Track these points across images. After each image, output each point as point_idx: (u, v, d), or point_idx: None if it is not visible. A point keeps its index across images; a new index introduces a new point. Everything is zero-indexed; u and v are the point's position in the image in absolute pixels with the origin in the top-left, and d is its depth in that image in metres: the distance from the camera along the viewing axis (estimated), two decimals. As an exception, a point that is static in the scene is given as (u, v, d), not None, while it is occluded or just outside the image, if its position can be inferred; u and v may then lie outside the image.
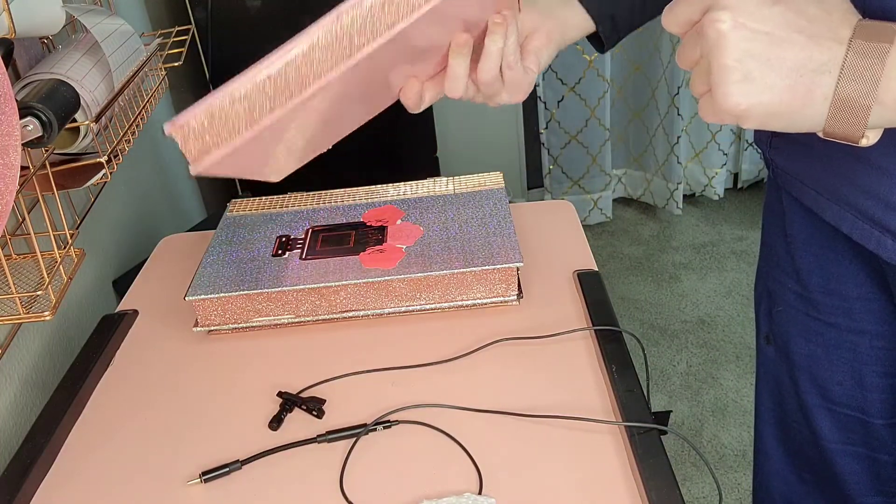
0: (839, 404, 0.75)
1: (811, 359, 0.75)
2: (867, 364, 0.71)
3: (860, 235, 0.61)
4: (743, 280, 2.09)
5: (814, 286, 0.72)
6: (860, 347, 0.71)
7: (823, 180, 0.63)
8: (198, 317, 0.78)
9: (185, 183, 1.51)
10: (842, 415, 0.75)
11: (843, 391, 0.74)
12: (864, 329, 0.70)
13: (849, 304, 0.70)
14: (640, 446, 0.60)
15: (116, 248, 1.10)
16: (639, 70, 2.27)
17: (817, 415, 0.76)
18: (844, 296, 0.70)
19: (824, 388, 0.75)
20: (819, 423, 0.77)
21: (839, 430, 0.76)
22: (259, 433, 0.66)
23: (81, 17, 0.75)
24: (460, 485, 0.59)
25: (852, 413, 0.74)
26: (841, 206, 0.62)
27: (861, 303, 0.69)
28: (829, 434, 0.76)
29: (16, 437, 0.77)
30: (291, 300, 0.78)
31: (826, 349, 0.73)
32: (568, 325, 0.75)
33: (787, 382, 0.79)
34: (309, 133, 0.61)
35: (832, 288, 0.71)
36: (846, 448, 0.76)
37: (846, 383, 0.73)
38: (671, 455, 0.58)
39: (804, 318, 0.74)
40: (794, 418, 0.80)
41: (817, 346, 0.74)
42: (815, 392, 0.76)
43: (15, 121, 0.55)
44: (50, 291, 0.66)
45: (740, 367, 1.80)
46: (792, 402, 0.79)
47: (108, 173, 0.75)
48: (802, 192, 0.66)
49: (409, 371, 0.71)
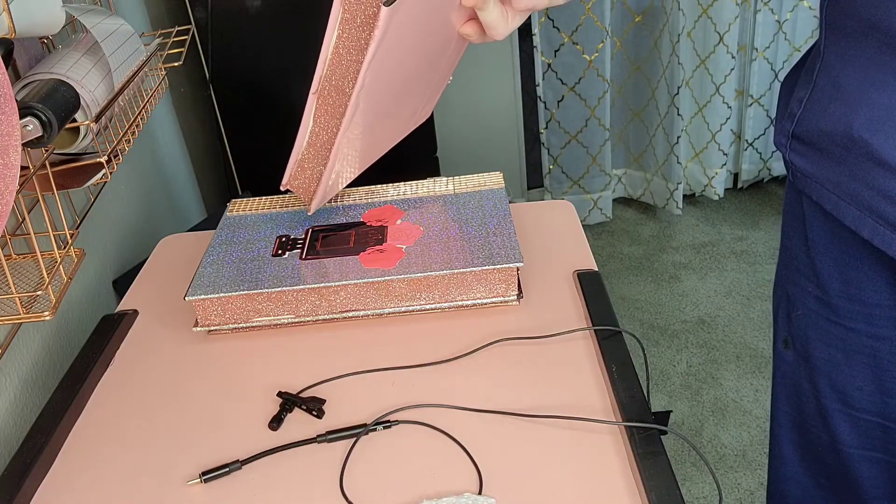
0: (859, 409, 0.74)
1: (831, 363, 0.74)
2: (888, 370, 0.71)
3: (881, 241, 0.60)
4: (743, 280, 2.09)
5: (833, 291, 0.72)
6: (880, 353, 0.70)
7: (843, 184, 0.63)
8: (198, 317, 0.78)
9: (185, 183, 1.51)
10: (862, 420, 0.74)
11: (862, 396, 0.73)
12: (884, 335, 0.70)
13: (868, 310, 0.70)
14: (640, 446, 0.60)
15: (116, 248, 1.10)
16: (639, 70, 2.27)
17: (837, 419, 0.76)
18: (864, 301, 0.69)
19: (844, 393, 0.74)
20: (838, 428, 0.76)
21: (859, 435, 0.75)
22: (259, 433, 0.66)
23: (81, 16, 0.75)
24: (460, 485, 0.59)
25: (872, 418, 0.73)
26: (861, 211, 0.61)
27: (881, 309, 0.69)
28: (849, 439, 0.76)
29: (16, 437, 0.77)
30: (291, 300, 0.78)
31: (846, 354, 0.73)
32: (568, 325, 0.75)
33: (806, 387, 0.78)
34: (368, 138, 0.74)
35: (852, 293, 0.70)
36: (865, 454, 0.76)
37: (866, 388, 0.73)
38: (671, 455, 0.58)
39: (824, 323, 0.74)
40: (813, 423, 0.79)
41: (837, 351, 0.73)
42: (835, 397, 0.75)
43: (15, 121, 0.55)
44: (50, 291, 0.66)
45: (740, 368, 1.80)
46: (811, 407, 0.79)
47: (108, 173, 0.75)
48: (822, 196, 0.66)
49: (409, 371, 0.71)
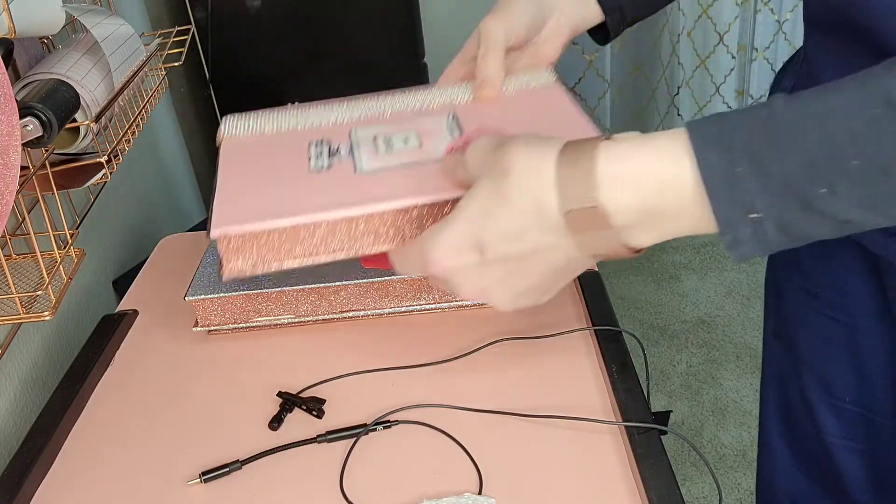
0: (842, 400, 0.75)
1: (815, 353, 0.75)
2: (867, 360, 0.72)
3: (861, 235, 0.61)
4: (743, 280, 2.09)
5: (817, 281, 0.72)
6: (860, 343, 0.71)
7: None
8: (198, 317, 0.78)
9: (185, 183, 1.51)
10: (845, 410, 0.75)
11: (845, 386, 0.74)
12: (863, 326, 0.70)
13: (847, 301, 0.70)
14: (640, 446, 0.60)
15: (116, 248, 1.10)
16: (639, 70, 2.27)
17: (821, 410, 0.77)
18: (844, 291, 0.70)
19: (828, 384, 0.75)
20: (823, 419, 0.77)
21: (842, 425, 0.76)
22: (259, 433, 0.66)
23: (81, 16, 0.75)
24: (460, 485, 0.59)
25: (854, 408, 0.74)
26: None
27: (859, 300, 0.70)
28: (833, 429, 0.77)
29: (16, 437, 0.77)
30: (291, 300, 0.78)
31: (829, 344, 0.74)
32: (568, 325, 0.75)
33: (793, 377, 0.79)
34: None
35: (834, 283, 0.71)
36: (848, 444, 0.76)
37: (849, 379, 0.73)
38: (671, 455, 0.58)
39: (810, 313, 0.74)
40: (799, 413, 0.80)
41: (820, 341, 0.74)
42: (820, 387, 0.76)
43: (15, 121, 0.55)
44: (50, 291, 0.66)
45: (740, 367, 1.80)
46: (796, 397, 0.79)
47: (108, 173, 0.75)
48: None
49: (409, 371, 0.71)
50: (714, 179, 0.42)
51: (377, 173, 0.62)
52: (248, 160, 0.68)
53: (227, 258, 0.62)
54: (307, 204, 0.61)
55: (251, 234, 0.61)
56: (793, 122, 0.41)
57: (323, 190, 0.62)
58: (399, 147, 0.65)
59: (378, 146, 0.66)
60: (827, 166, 0.40)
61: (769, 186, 0.41)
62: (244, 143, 0.71)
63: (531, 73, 0.71)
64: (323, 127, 0.72)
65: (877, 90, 0.39)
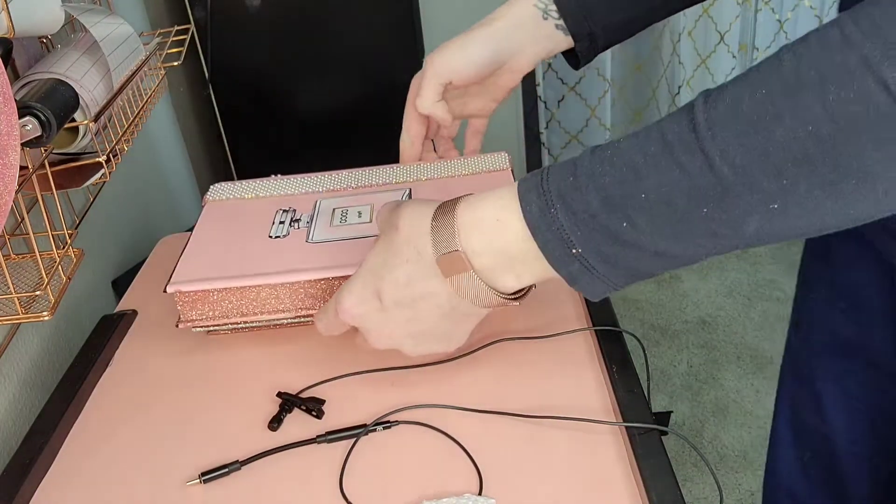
0: (853, 397, 0.75)
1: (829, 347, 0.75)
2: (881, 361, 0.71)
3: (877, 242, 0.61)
4: (744, 280, 2.09)
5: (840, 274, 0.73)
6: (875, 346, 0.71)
7: None
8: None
9: (184, 183, 1.51)
10: (854, 409, 0.75)
11: (857, 383, 0.74)
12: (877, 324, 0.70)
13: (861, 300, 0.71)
14: (641, 447, 0.59)
15: (116, 248, 1.10)
16: (639, 70, 2.27)
17: (830, 406, 0.77)
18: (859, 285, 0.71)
19: (839, 378, 0.75)
20: (832, 416, 0.77)
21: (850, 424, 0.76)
22: (258, 433, 0.66)
23: (80, 16, 0.75)
24: (460, 485, 0.59)
25: (860, 406, 0.74)
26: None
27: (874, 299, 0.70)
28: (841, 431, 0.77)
29: (15, 437, 0.77)
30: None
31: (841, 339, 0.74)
32: (568, 325, 0.75)
33: (806, 371, 0.79)
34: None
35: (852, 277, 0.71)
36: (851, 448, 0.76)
37: (860, 375, 0.73)
38: (672, 455, 0.58)
39: (828, 307, 0.75)
40: (809, 408, 0.80)
41: (837, 336, 0.74)
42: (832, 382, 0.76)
43: (14, 120, 0.55)
44: (49, 291, 0.66)
45: (741, 368, 1.80)
46: (807, 390, 0.80)
47: (108, 173, 0.75)
48: None
49: (409, 371, 0.71)
50: (534, 219, 0.48)
51: (324, 243, 0.72)
52: (221, 223, 0.78)
53: (183, 311, 0.72)
54: (257, 267, 0.70)
55: (202, 292, 0.70)
56: (591, 165, 0.46)
57: (275, 256, 0.71)
58: (353, 220, 0.75)
59: (334, 218, 0.75)
60: (621, 201, 0.44)
61: (580, 224, 0.46)
62: (224, 206, 0.81)
63: (485, 156, 0.82)
64: (295, 195, 0.81)
65: (655, 132, 0.44)
